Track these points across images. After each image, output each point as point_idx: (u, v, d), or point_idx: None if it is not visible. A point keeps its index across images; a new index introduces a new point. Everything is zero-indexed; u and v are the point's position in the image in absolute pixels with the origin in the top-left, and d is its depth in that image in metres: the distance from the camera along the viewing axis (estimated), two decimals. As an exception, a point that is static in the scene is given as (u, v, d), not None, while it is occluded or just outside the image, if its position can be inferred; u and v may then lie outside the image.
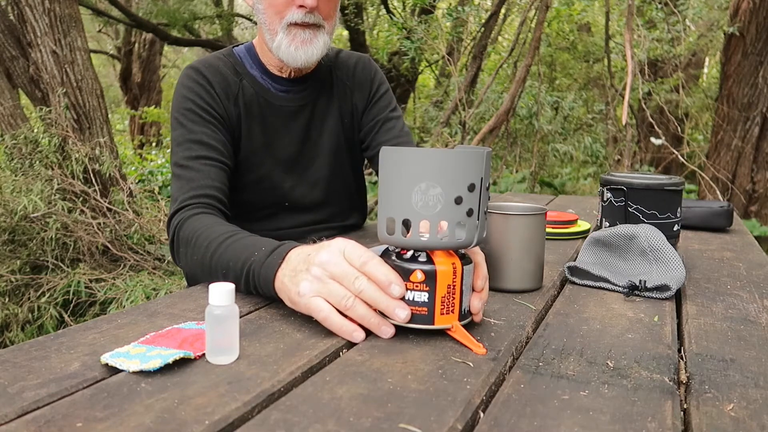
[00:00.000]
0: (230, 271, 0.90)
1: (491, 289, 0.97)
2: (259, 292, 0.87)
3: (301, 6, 1.15)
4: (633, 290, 0.96)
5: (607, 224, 1.23)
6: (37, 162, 3.41)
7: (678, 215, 1.20)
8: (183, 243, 1.04)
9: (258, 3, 1.21)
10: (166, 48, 10.87)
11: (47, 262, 3.04)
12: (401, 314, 0.73)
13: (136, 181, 5.43)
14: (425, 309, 0.74)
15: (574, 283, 1.04)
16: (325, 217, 1.38)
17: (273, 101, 1.27)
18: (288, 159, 1.30)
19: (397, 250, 0.77)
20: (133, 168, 6.85)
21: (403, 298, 0.74)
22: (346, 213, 1.44)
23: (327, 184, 1.36)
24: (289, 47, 1.18)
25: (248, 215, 1.30)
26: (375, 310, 0.75)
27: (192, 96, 1.20)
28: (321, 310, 0.74)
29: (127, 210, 3.43)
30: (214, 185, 1.14)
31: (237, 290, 0.89)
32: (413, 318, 0.74)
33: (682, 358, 0.73)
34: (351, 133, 1.38)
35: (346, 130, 1.37)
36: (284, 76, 1.28)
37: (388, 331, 0.75)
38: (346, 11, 6.57)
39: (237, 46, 1.32)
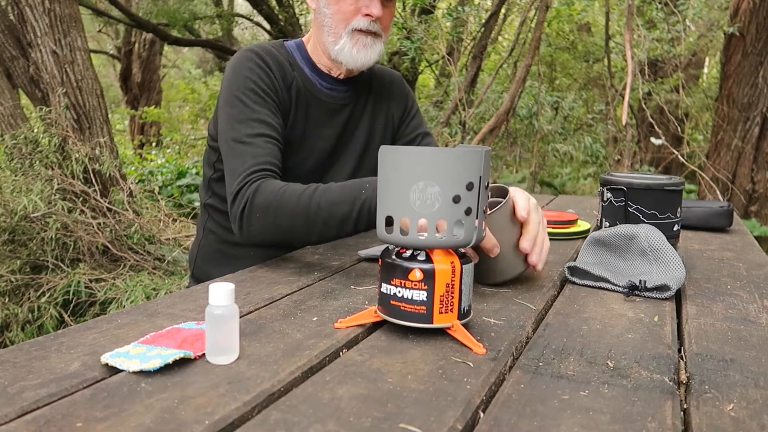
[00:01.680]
0: (335, 213, 1.03)
1: (486, 284, 1.00)
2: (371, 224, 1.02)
3: (367, 15, 1.24)
4: (633, 290, 0.96)
5: (607, 224, 1.23)
6: (37, 162, 3.41)
7: (678, 215, 1.20)
8: (261, 208, 1.09)
9: (325, 8, 1.27)
10: (166, 48, 10.87)
11: (47, 262, 3.04)
12: (496, 251, 0.92)
13: (136, 181, 5.43)
14: (424, 308, 0.74)
15: (574, 283, 1.04)
16: None
17: (318, 96, 1.34)
18: (321, 152, 1.35)
19: (396, 249, 0.77)
20: (133, 168, 6.85)
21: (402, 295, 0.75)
22: None
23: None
24: (352, 50, 1.26)
25: None
26: None
27: (254, 77, 1.24)
28: None
29: (127, 210, 3.43)
30: (275, 162, 1.18)
31: (345, 232, 1.05)
32: (412, 317, 0.74)
33: (682, 358, 0.73)
34: (381, 136, 1.45)
35: (376, 133, 1.44)
36: (332, 75, 1.35)
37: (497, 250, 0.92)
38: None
39: (287, 41, 1.39)
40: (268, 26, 7.65)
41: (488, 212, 0.94)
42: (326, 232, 1.05)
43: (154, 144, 10.29)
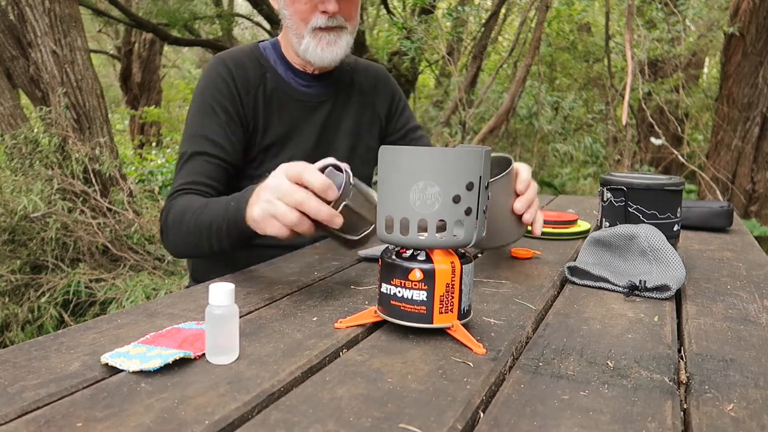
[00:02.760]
0: (212, 232, 1.02)
1: (481, 247, 1.07)
2: (242, 241, 1.00)
3: (324, 12, 1.22)
4: (633, 290, 0.96)
5: (607, 224, 1.23)
6: (37, 162, 3.41)
7: (678, 215, 1.20)
8: (170, 227, 1.13)
9: (284, 9, 1.27)
10: (166, 48, 10.86)
11: (47, 262, 3.04)
12: (338, 221, 0.84)
13: (136, 181, 5.42)
14: (424, 308, 0.74)
15: (574, 283, 1.04)
16: None
17: (294, 95, 1.33)
18: (304, 152, 1.34)
19: (396, 249, 0.77)
20: (133, 168, 6.85)
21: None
22: None
23: None
24: (316, 49, 1.26)
25: None
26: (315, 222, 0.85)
27: (211, 89, 1.26)
28: (273, 227, 0.86)
29: (127, 210, 3.43)
30: (201, 180, 1.20)
31: (220, 249, 1.03)
32: (412, 317, 0.74)
33: (682, 358, 0.73)
34: (368, 134, 1.44)
35: (363, 131, 1.43)
36: (307, 71, 1.35)
37: (340, 220, 0.85)
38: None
39: (262, 41, 1.39)
40: (268, 26, 7.64)
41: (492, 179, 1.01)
42: (212, 246, 1.05)
43: (154, 144, 10.28)
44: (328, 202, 0.84)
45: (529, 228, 1.09)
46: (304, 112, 1.34)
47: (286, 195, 0.84)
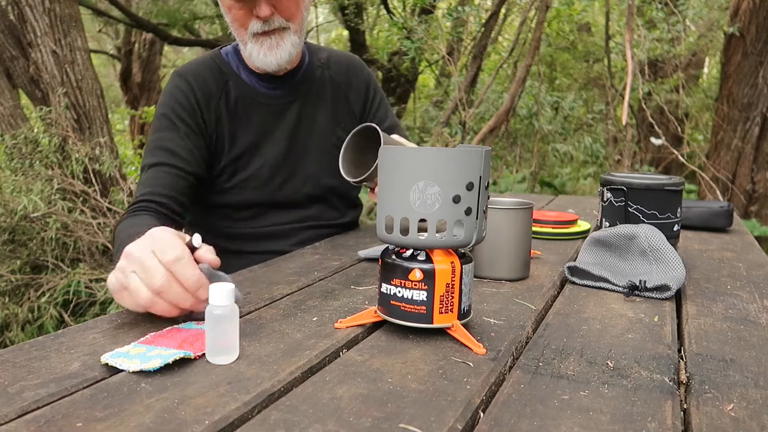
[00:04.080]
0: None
1: (482, 277, 1.04)
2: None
3: (257, 17, 1.20)
4: (633, 290, 0.96)
5: (607, 224, 1.23)
6: (37, 162, 3.41)
7: (678, 215, 1.20)
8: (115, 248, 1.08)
9: (226, 16, 1.25)
10: (166, 48, 10.86)
11: (47, 262, 3.04)
12: (201, 308, 0.73)
13: (136, 181, 5.42)
14: (424, 308, 0.74)
15: (574, 283, 1.04)
16: (315, 214, 1.39)
17: (260, 99, 1.30)
18: (276, 156, 1.31)
19: (396, 249, 0.77)
20: (133, 168, 6.85)
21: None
22: (340, 211, 1.44)
23: (317, 182, 1.37)
24: (259, 54, 1.23)
25: (234, 215, 1.32)
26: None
27: (170, 102, 1.24)
28: (125, 301, 0.74)
29: (127, 210, 3.43)
30: (162, 192, 1.16)
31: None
32: (412, 317, 0.74)
33: (682, 358, 0.73)
34: (343, 130, 1.39)
35: (337, 127, 1.39)
36: (270, 74, 1.31)
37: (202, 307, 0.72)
38: (346, 11, 6.57)
39: (225, 46, 1.35)
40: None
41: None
42: None
43: (154, 144, 10.27)
44: None
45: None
46: (272, 116, 1.31)
47: (146, 273, 0.71)
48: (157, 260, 0.71)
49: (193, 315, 0.80)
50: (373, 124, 1.03)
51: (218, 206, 1.32)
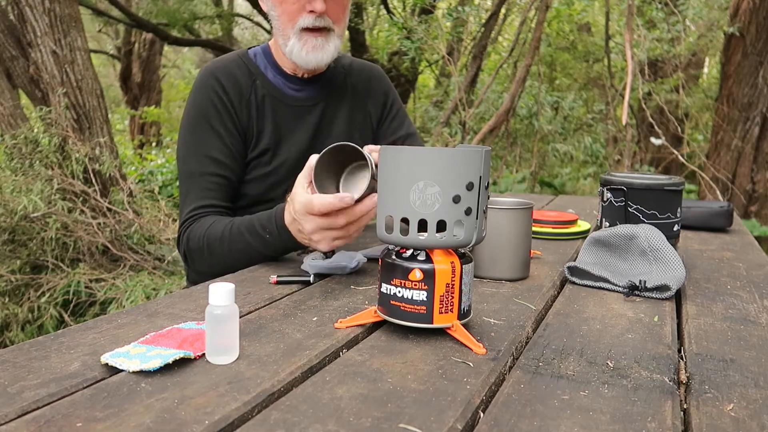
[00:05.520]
0: (251, 254, 1.11)
1: (482, 277, 1.05)
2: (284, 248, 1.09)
3: (311, 11, 1.22)
4: (633, 290, 0.96)
5: (607, 224, 1.23)
6: (37, 162, 3.41)
7: (678, 215, 1.20)
8: (195, 253, 1.18)
9: (272, 10, 1.26)
10: (166, 48, 10.86)
11: (47, 262, 3.04)
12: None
13: (136, 181, 5.42)
14: (424, 308, 0.74)
15: (574, 283, 1.04)
16: None
17: (285, 99, 1.33)
18: (296, 156, 1.34)
19: (396, 249, 0.77)
20: (133, 168, 6.85)
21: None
22: None
23: None
24: (301, 51, 1.25)
25: (250, 208, 1.33)
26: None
27: (205, 103, 1.26)
28: (332, 245, 0.98)
29: (127, 210, 3.43)
30: (213, 202, 1.23)
31: (259, 259, 1.12)
32: (412, 317, 0.74)
33: (682, 358, 0.73)
34: (360, 136, 1.42)
35: (354, 133, 1.42)
36: (298, 75, 1.34)
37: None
38: (346, 11, 6.55)
39: (252, 47, 1.38)
40: (268, 26, 7.64)
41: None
42: (250, 261, 1.12)
43: (154, 144, 10.28)
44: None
45: None
46: (295, 116, 1.33)
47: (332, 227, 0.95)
48: (323, 218, 0.94)
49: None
50: (350, 143, 0.96)
51: (237, 197, 1.33)
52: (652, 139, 6.92)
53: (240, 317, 0.80)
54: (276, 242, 1.07)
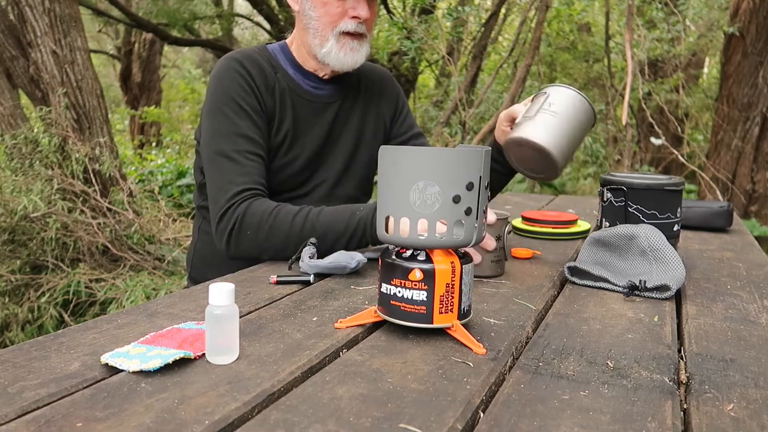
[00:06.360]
0: (330, 233, 1.13)
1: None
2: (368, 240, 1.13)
3: (354, 17, 1.25)
4: (633, 290, 0.96)
5: (607, 224, 1.23)
6: (37, 162, 3.40)
7: (678, 215, 1.20)
8: (253, 228, 1.15)
9: (311, 11, 1.28)
10: (166, 48, 10.86)
11: (47, 262, 3.04)
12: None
13: (136, 181, 5.42)
14: (424, 308, 0.74)
15: (574, 283, 1.04)
16: None
17: (304, 96, 1.34)
18: (311, 151, 1.35)
19: (396, 249, 0.77)
20: (133, 168, 6.85)
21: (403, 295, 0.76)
22: None
23: (336, 182, 1.40)
24: (339, 53, 1.28)
25: None
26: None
27: (236, 87, 1.26)
28: None
29: (127, 210, 3.43)
30: (261, 181, 1.23)
31: (334, 249, 1.12)
32: (412, 317, 0.74)
33: (682, 358, 0.73)
34: (372, 135, 1.44)
35: (367, 131, 1.43)
36: (318, 74, 1.36)
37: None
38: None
39: (270, 44, 1.39)
40: (268, 26, 7.64)
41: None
42: (325, 241, 1.14)
43: (154, 144, 10.28)
44: None
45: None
46: (312, 111, 1.35)
47: None
48: None
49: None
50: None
51: None
52: (652, 139, 6.92)
53: (240, 317, 0.80)
54: (365, 216, 1.12)
